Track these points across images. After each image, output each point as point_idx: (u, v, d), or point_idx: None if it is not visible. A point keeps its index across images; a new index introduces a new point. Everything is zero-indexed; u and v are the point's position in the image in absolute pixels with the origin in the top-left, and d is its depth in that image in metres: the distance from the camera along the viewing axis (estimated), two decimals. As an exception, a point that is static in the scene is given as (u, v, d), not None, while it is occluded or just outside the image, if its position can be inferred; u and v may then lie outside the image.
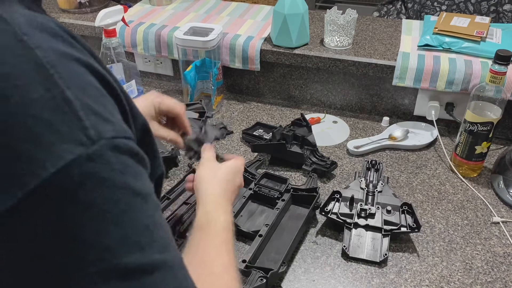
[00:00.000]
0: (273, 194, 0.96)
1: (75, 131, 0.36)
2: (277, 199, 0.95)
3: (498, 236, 0.91)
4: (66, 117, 0.36)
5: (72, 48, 0.41)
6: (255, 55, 1.26)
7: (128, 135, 0.41)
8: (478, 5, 1.99)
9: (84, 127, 0.36)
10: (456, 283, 0.82)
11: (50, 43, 0.39)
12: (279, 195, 0.96)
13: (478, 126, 1.00)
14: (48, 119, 0.35)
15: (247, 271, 0.79)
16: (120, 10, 1.23)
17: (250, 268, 0.79)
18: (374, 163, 1.04)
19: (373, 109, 1.30)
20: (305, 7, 1.22)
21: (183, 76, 1.25)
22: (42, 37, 0.39)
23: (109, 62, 1.27)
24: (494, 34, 1.20)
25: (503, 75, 0.95)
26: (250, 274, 0.78)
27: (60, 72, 0.37)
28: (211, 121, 1.26)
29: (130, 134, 0.41)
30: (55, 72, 0.37)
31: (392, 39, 1.30)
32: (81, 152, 0.36)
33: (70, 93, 0.37)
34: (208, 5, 1.50)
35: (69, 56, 0.39)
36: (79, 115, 0.36)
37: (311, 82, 1.32)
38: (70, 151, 0.35)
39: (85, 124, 0.36)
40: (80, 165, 0.35)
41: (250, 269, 0.79)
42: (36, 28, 0.39)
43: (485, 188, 1.04)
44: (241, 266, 0.79)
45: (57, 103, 0.36)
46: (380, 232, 0.88)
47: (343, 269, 0.85)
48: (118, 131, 0.39)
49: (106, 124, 0.38)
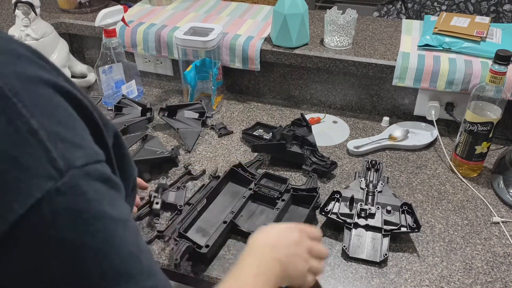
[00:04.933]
0: (273, 194, 0.96)
1: (43, 164, 0.34)
2: (277, 199, 0.95)
3: (498, 236, 0.91)
4: (32, 149, 0.34)
5: (39, 69, 0.38)
6: (255, 55, 1.26)
7: (100, 158, 0.39)
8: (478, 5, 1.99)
9: (52, 159, 0.34)
10: (456, 283, 0.82)
11: (13, 67, 0.36)
12: (279, 195, 0.96)
13: (478, 126, 1.00)
14: (13, 155, 0.33)
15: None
16: (120, 10, 1.23)
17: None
18: (374, 163, 1.04)
19: (373, 109, 1.30)
20: (305, 7, 1.22)
21: (183, 76, 1.25)
22: (4, 61, 0.36)
23: (109, 62, 1.27)
24: (494, 34, 1.20)
25: (503, 75, 0.95)
26: None
27: (24, 100, 0.35)
28: (211, 121, 1.27)
29: (101, 156, 0.39)
30: (18, 101, 0.34)
31: (392, 39, 1.30)
32: (50, 186, 0.33)
33: (36, 122, 0.34)
34: (208, 5, 1.50)
35: (35, 79, 0.37)
36: (46, 146, 0.34)
37: (311, 82, 1.32)
38: (38, 187, 0.33)
39: (53, 155, 0.34)
40: (50, 201, 0.33)
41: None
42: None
43: (485, 188, 1.04)
44: None
45: (22, 136, 0.33)
46: (380, 232, 0.88)
47: (343, 269, 0.85)
48: (89, 155, 0.37)
49: (76, 150, 0.36)
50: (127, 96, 1.29)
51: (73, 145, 0.36)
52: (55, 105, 0.37)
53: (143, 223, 0.94)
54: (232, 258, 0.86)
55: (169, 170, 1.08)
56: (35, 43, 1.28)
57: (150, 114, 1.24)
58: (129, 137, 1.19)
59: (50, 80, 0.38)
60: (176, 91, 1.42)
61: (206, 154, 1.14)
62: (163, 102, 1.37)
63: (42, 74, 0.38)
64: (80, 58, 1.53)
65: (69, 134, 0.37)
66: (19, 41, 0.41)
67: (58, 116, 0.37)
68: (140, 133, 1.20)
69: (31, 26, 1.27)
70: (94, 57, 1.52)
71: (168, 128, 1.24)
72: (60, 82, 0.39)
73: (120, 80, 1.31)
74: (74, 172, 0.35)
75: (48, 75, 0.39)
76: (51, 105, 0.37)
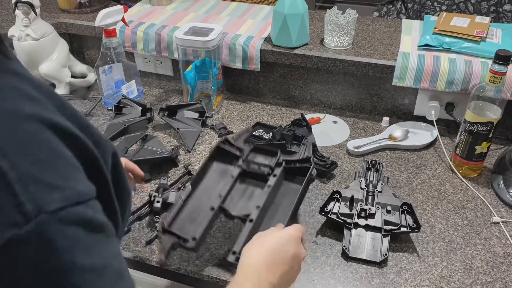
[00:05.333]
0: (264, 171, 0.88)
1: (7, 209, 0.32)
2: (268, 175, 0.87)
3: (498, 236, 0.91)
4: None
5: (31, 104, 0.36)
6: (255, 55, 1.26)
7: (82, 199, 0.36)
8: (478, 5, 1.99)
9: (19, 203, 0.32)
10: (456, 283, 0.82)
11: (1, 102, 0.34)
12: (270, 170, 0.87)
13: (478, 126, 1.00)
14: None
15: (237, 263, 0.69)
16: (120, 10, 1.23)
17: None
18: (374, 163, 1.04)
19: (373, 109, 1.30)
20: (305, 7, 1.22)
21: (183, 76, 1.25)
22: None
23: (109, 62, 1.27)
24: (494, 34, 1.20)
25: (503, 75, 0.95)
26: None
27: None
28: (211, 121, 1.27)
29: (87, 195, 0.37)
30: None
31: (392, 39, 1.30)
32: (11, 234, 0.31)
33: (6, 162, 0.32)
34: (208, 5, 1.50)
35: (21, 114, 0.35)
36: (14, 189, 0.32)
37: (311, 82, 1.32)
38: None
39: (20, 199, 0.32)
40: (8, 250, 0.31)
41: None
42: None
43: (485, 188, 1.04)
44: (231, 259, 0.73)
45: None
46: (380, 232, 0.88)
47: (343, 269, 0.85)
48: (68, 197, 0.35)
49: (52, 192, 0.34)
50: (127, 96, 1.29)
51: (49, 187, 0.34)
52: (37, 143, 0.35)
53: (143, 223, 0.94)
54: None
55: (169, 170, 1.08)
56: (35, 43, 1.28)
57: (150, 114, 1.24)
58: (129, 137, 1.19)
59: (38, 115, 0.36)
60: (176, 91, 1.42)
61: (206, 154, 1.14)
62: (163, 102, 1.37)
63: (31, 109, 0.36)
64: (80, 58, 1.53)
65: (47, 175, 0.34)
66: (19, 68, 0.39)
67: (38, 155, 0.34)
68: (140, 133, 1.20)
69: (31, 26, 1.27)
70: (94, 57, 1.52)
71: (168, 128, 1.24)
72: (54, 117, 0.37)
73: (120, 80, 1.31)
74: (44, 217, 0.33)
75: (40, 109, 0.36)
76: (32, 143, 0.34)
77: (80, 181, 0.38)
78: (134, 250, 0.88)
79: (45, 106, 0.38)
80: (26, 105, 0.36)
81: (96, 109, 1.31)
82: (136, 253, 0.88)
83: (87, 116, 1.27)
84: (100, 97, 1.32)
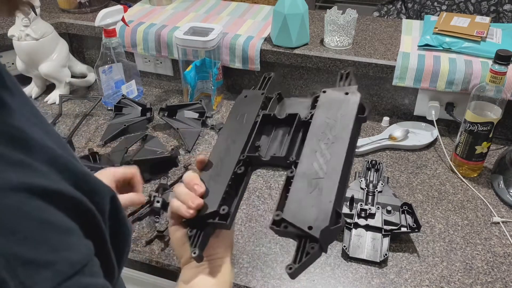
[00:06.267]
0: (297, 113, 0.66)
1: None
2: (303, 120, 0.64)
3: (498, 236, 0.91)
4: None
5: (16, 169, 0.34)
6: (255, 55, 1.26)
7: (76, 269, 0.35)
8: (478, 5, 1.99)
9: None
10: (456, 283, 0.82)
11: None
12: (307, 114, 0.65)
13: (478, 126, 1.00)
14: None
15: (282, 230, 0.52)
16: (120, 10, 1.23)
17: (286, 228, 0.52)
18: (374, 163, 1.04)
19: (373, 109, 1.30)
20: (305, 7, 1.22)
21: (183, 76, 1.25)
22: None
23: (109, 62, 1.27)
24: (494, 34, 1.20)
25: (503, 75, 0.95)
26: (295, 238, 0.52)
27: None
28: (211, 121, 1.26)
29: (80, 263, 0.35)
30: None
31: (392, 39, 1.30)
32: None
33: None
34: (208, 5, 1.50)
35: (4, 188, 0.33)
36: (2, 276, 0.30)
37: (311, 82, 1.32)
38: None
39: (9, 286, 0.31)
40: None
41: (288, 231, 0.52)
42: None
43: (485, 188, 1.03)
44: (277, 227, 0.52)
45: None
46: (380, 232, 0.88)
47: (343, 269, 0.85)
48: (62, 272, 0.33)
49: (42, 271, 0.32)
50: (127, 96, 1.29)
51: (39, 266, 0.32)
52: (23, 218, 0.33)
53: (143, 223, 0.94)
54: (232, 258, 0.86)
55: (169, 170, 1.08)
56: (35, 43, 1.28)
57: (150, 114, 1.24)
58: (129, 137, 1.19)
59: (25, 183, 0.34)
60: (176, 91, 1.42)
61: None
62: (163, 102, 1.37)
63: (17, 178, 0.34)
64: (80, 58, 1.53)
65: (36, 252, 0.33)
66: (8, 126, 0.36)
67: (25, 231, 0.33)
68: (140, 133, 1.20)
69: (31, 26, 1.27)
70: (94, 57, 1.52)
71: (168, 128, 1.24)
72: (44, 181, 0.35)
73: (120, 80, 1.31)
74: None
75: (27, 176, 0.34)
76: (18, 219, 0.33)
77: (74, 248, 0.36)
78: (134, 250, 0.88)
79: (34, 168, 0.35)
80: (13, 174, 0.34)
81: (96, 109, 1.30)
82: (136, 253, 0.88)
83: (87, 116, 1.27)
84: (100, 97, 1.32)
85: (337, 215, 0.53)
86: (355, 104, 0.61)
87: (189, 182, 0.59)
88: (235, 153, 0.64)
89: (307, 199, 0.54)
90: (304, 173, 0.57)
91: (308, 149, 0.59)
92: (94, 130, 1.24)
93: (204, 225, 0.58)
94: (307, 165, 0.58)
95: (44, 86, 1.42)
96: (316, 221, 0.51)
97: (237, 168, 0.62)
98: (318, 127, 0.61)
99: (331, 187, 0.54)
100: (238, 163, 0.62)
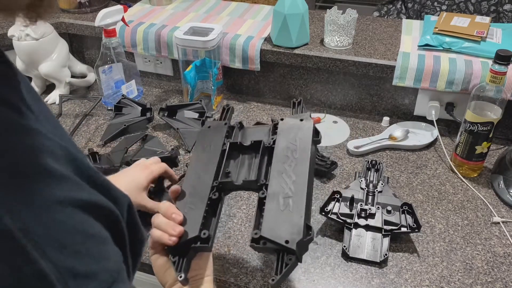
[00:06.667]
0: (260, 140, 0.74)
1: None
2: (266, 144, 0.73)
3: (498, 236, 0.91)
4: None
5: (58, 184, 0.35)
6: (255, 55, 1.26)
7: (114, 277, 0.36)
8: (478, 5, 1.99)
9: None
10: (456, 283, 0.82)
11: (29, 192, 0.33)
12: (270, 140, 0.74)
13: (478, 126, 1.00)
14: None
15: (261, 247, 0.59)
16: (120, 10, 1.23)
17: (265, 245, 0.60)
18: (374, 163, 1.04)
19: (373, 109, 1.30)
20: (305, 7, 1.22)
21: (183, 76, 1.25)
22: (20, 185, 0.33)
23: (109, 62, 1.27)
24: (494, 34, 1.20)
25: (503, 75, 0.95)
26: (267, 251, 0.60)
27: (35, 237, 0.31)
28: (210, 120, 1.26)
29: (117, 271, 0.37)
30: (28, 240, 0.31)
31: (392, 39, 1.30)
32: None
33: (46, 263, 0.31)
34: (208, 5, 1.50)
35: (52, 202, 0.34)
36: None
37: (311, 82, 1.32)
38: None
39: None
40: None
41: (267, 247, 0.60)
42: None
43: (485, 188, 1.03)
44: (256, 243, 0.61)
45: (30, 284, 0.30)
46: (380, 232, 0.88)
47: (343, 269, 0.85)
48: (104, 282, 0.35)
49: (89, 282, 0.34)
50: (127, 96, 1.29)
51: (86, 278, 0.34)
52: (71, 232, 0.34)
53: (143, 223, 0.94)
54: (232, 259, 0.86)
55: (169, 170, 1.08)
56: (34, 43, 1.28)
57: (150, 114, 1.24)
58: (129, 137, 1.19)
59: (69, 197, 0.35)
60: (176, 91, 1.42)
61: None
62: (163, 102, 1.37)
63: (62, 193, 0.35)
64: (80, 58, 1.52)
65: (82, 264, 0.34)
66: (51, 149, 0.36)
67: (74, 245, 0.34)
68: (140, 133, 1.20)
69: (30, 26, 1.27)
70: (94, 57, 1.52)
71: (168, 128, 1.24)
72: (83, 194, 0.36)
73: (120, 80, 1.31)
74: None
75: (69, 190, 0.35)
76: (67, 232, 0.34)
77: (111, 257, 0.38)
78: (134, 250, 0.88)
79: (73, 181, 0.36)
80: (56, 189, 0.35)
81: (96, 109, 1.30)
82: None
83: (87, 116, 1.27)
84: (100, 97, 1.31)
85: (307, 228, 0.60)
86: (310, 129, 0.71)
87: (167, 211, 0.64)
88: (208, 180, 0.69)
89: (280, 217, 0.61)
90: (274, 193, 0.64)
91: (275, 171, 0.67)
92: (94, 130, 1.24)
93: (187, 250, 0.63)
94: (276, 186, 0.65)
95: (44, 86, 1.42)
96: (291, 235, 0.58)
97: (212, 194, 0.67)
98: (281, 151, 0.69)
99: (300, 204, 0.63)
100: (212, 189, 0.68)
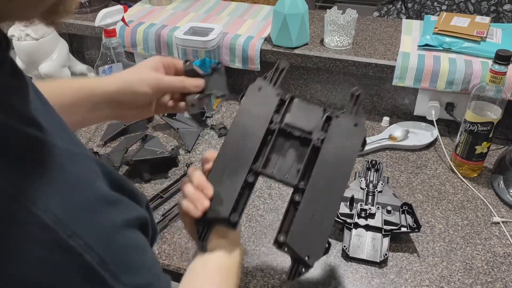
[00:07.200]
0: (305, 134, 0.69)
1: None
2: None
3: (498, 236, 0.91)
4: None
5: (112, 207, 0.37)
6: (255, 55, 1.26)
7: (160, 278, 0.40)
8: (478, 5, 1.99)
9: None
10: (456, 283, 0.82)
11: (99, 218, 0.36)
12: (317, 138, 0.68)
13: (478, 126, 1.00)
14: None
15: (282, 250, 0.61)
16: (120, 10, 1.23)
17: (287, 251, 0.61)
18: (374, 163, 1.04)
19: (373, 109, 1.30)
20: (305, 7, 1.22)
21: (183, 76, 1.24)
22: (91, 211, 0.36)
23: (109, 62, 1.27)
24: (494, 34, 1.20)
25: (503, 75, 0.95)
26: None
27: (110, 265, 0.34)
28: (211, 121, 1.26)
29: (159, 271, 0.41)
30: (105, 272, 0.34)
31: (392, 39, 1.30)
32: None
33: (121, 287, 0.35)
34: (208, 5, 1.50)
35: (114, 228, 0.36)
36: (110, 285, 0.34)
37: (311, 82, 1.32)
38: None
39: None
40: None
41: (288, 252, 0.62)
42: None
43: (485, 188, 1.03)
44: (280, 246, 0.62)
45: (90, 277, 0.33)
46: (380, 232, 0.88)
47: (343, 269, 0.85)
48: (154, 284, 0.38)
49: (136, 276, 0.37)
50: (127, 96, 1.28)
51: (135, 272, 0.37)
52: (132, 249, 0.37)
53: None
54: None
55: (169, 170, 1.08)
56: (34, 43, 1.28)
57: (150, 114, 1.24)
58: (129, 137, 1.19)
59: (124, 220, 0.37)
60: (176, 91, 1.42)
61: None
62: (163, 102, 1.36)
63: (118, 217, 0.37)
64: (80, 58, 1.52)
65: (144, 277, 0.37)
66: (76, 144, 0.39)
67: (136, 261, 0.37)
68: (140, 133, 1.20)
69: (30, 26, 1.26)
70: (94, 57, 1.52)
71: (168, 128, 1.24)
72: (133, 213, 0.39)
73: (120, 80, 1.31)
74: None
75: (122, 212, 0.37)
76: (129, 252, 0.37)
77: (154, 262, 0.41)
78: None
79: (120, 201, 0.38)
80: (114, 215, 0.37)
81: (96, 109, 1.30)
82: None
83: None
84: (100, 97, 1.31)
85: (328, 245, 0.64)
86: (359, 139, 0.67)
87: (198, 182, 0.61)
88: (246, 161, 0.65)
89: (309, 229, 0.61)
90: (309, 202, 0.63)
91: (315, 179, 0.64)
92: (94, 130, 1.24)
93: (212, 225, 0.62)
94: (313, 194, 0.63)
95: (44, 86, 1.42)
96: (313, 250, 0.61)
97: (249, 176, 0.64)
98: (327, 157, 0.66)
99: (328, 221, 0.62)
100: (249, 171, 0.64)
